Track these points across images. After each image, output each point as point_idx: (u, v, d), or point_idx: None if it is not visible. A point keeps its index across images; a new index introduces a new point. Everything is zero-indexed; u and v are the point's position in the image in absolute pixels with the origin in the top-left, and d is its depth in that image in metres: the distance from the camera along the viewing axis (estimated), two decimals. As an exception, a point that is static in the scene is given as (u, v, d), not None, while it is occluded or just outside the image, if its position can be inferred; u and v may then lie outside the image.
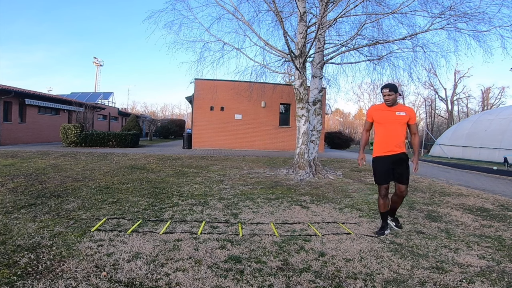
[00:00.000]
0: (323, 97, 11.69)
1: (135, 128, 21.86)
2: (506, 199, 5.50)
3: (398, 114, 3.08)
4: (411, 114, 3.11)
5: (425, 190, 6.08)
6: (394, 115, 3.08)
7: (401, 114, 3.08)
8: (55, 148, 12.55)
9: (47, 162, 7.93)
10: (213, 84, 14.80)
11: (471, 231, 3.46)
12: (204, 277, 2.14)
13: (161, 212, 3.75)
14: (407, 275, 2.29)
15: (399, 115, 3.08)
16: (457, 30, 7.27)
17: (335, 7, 7.39)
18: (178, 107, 74.39)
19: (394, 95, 3.08)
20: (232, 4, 7.51)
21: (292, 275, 2.22)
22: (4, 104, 13.95)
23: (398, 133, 3.08)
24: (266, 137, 16.60)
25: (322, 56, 8.31)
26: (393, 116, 3.08)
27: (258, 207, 4.15)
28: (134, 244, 2.66)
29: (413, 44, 8.04)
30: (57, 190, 4.68)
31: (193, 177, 6.47)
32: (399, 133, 3.08)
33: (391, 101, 3.08)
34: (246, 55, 8.43)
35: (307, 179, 6.79)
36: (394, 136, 3.09)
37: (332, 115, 56.25)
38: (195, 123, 16.00)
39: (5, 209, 3.54)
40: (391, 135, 3.10)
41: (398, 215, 4.02)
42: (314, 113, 8.16)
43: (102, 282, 1.99)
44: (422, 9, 7.26)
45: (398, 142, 3.09)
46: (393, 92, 3.06)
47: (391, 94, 3.06)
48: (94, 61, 45.75)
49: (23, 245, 2.52)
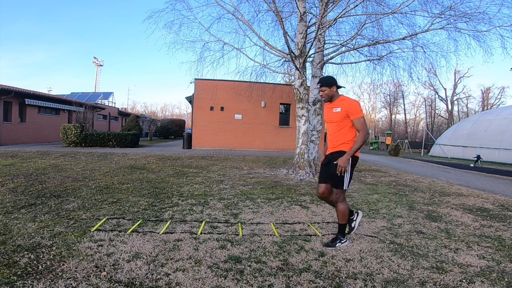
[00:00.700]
0: (323, 97, 11.67)
1: (135, 128, 21.86)
2: (506, 199, 5.50)
3: (334, 111, 2.77)
4: (347, 108, 2.69)
5: (425, 190, 6.08)
6: (332, 113, 2.79)
7: (337, 110, 2.74)
8: (55, 148, 12.55)
9: (47, 162, 7.93)
10: (213, 84, 14.80)
11: (471, 231, 3.46)
12: (204, 277, 2.14)
13: (161, 212, 3.75)
14: (407, 275, 2.29)
15: (335, 112, 2.76)
16: (457, 30, 7.28)
17: (335, 7, 7.39)
18: (178, 107, 74.48)
19: (328, 90, 2.77)
20: (232, 4, 7.51)
21: (292, 275, 2.22)
22: (4, 104, 13.95)
23: (334, 131, 2.78)
24: (266, 137, 16.60)
25: (322, 56, 8.31)
26: (331, 114, 2.80)
27: (258, 207, 4.14)
28: (134, 244, 2.66)
29: (413, 44, 8.05)
30: (57, 190, 4.68)
31: (193, 177, 6.47)
32: (335, 131, 2.78)
33: (326, 97, 2.81)
34: (246, 55, 8.45)
35: (307, 179, 6.79)
36: (330, 135, 2.83)
37: (332, 115, 56.10)
38: (195, 123, 16.00)
39: (5, 209, 3.53)
40: (328, 134, 2.86)
41: (398, 214, 4.03)
42: (314, 113, 8.16)
43: (102, 282, 1.99)
44: (422, 9, 7.27)
45: (334, 141, 2.78)
46: (325, 87, 2.77)
47: (324, 90, 2.78)
48: (94, 61, 45.81)
49: (23, 245, 2.52)
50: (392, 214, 4.05)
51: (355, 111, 2.67)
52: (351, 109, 2.68)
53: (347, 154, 2.62)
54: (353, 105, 2.69)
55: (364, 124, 2.67)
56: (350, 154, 2.61)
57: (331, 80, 2.79)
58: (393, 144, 20.19)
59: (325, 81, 2.78)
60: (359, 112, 2.67)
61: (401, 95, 45.64)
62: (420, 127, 47.40)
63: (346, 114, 2.69)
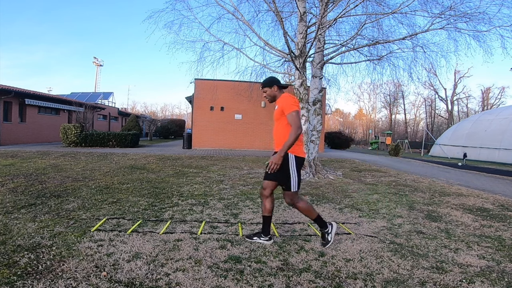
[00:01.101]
0: (323, 97, 11.70)
1: (135, 128, 21.87)
2: (506, 199, 5.50)
3: (275, 109, 2.79)
4: (281, 104, 2.70)
5: (425, 190, 6.08)
6: (274, 111, 2.82)
7: (276, 108, 2.77)
8: (55, 148, 12.54)
9: (47, 162, 7.93)
10: (213, 84, 14.80)
11: (471, 231, 3.46)
12: (204, 277, 2.14)
13: (161, 212, 3.75)
14: (407, 275, 2.29)
15: (275, 110, 2.79)
16: (457, 30, 7.28)
17: (335, 7, 7.39)
18: (178, 107, 74.53)
19: (270, 90, 2.82)
20: (232, 4, 7.51)
21: (292, 275, 2.22)
22: (4, 104, 13.95)
23: (276, 129, 2.79)
24: (266, 137, 16.60)
25: (322, 56, 8.31)
26: (274, 112, 2.83)
27: (258, 207, 4.14)
28: (134, 244, 2.66)
29: (413, 44, 8.05)
30: (57, 190, 4.68)
31: (193, 177, 6.47)
32: (276, 129, 2.78)
33: (269, 97, 2.86)
34: (246, 55, 8.45)
35: (307, 179, 6.79)
36: (274, 133, 2.84)
37: (332, 115, 56.25)
38: (195, 123, 16.00)
39: (5, 209, 3.53)
40: (273, 132, 2.87)
41: (398, 214, 4.03)
42: (314, 113, 8.16)
43: (102, 282, 1.99)
44: (422, 9, 7.27)
45: (276, 139, 2.78)
46: (266, 88, 2.82)
47: (266, 90, 2.83)
48: (94, 61, 45.80)
49: (23, 245, 2.52)
50: (392, 214, 4.05)
51: (287, 106, 2.63)
52: (284, 104, 2.66)
53: (280, 151, 2.56)
54: (286, 100, 2.68)
55: (296, 119, 2.59)
56: (283, 151, 2.55)
57: (271, 80, 2.84)
58: (393, 144, 20.19)
59: (267, 82, 2.84)
60: (291, 106, 2.61)
61: (401, 95, 45.70)
62: (420, 127, 47.41)
63: (282, 111, 2.68)
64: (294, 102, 2.66)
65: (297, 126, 2.56)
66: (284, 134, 2.66)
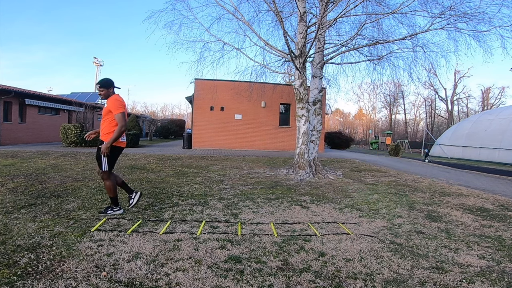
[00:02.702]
0: (323, 97, 11.70)
1: (135, 128, 21.83)
2: (506, 199, 5.50)
3: (104, 106, 3.37)
4: (110, 104, 3.26)
5: (425, 190, 6.08)
6: (104, 108, 3.36)
7: (105, 105, 3.35)
8: (55, 148, 12.54)
9: (47, 162, 7.93)
10: (213, 84, 14.80)
11: (471, 231, 3.46)
12: (204, 277, 2.14)
13: (161, 212, 3.75)
14: (407, 275, 2.29)
15: (104, 107, 3.36)
16: (457, 30, 7.28)
17: (335, 7, 7.40)
18: (178, 107, 74.54)
19: (106, 91, 3.35)
20: (232, 4, 7.51)
21: (292, 275, 2.22)
22: (4, 104, 13.95)
23: (102, 123, 3.35)
24: (266, 137, 16.60)
25: (322, 56, 8.31)
26: (104, 109, 3.36)
27: (258, 207, 4.14)
28: (134, 244, 2.66)
29: (413, 44, 8.05)
30: (57, 190, 4.68)
31: (193, 177, 6.47)
32: (102, 123, 3.34)
33: (103, 96, 3.37)
34: (246, 55, 8.45)
35: (307, 179, 6.79)
36: (100, 126, 3.38)
37: (332, 115, 56.27)
38: (195, 123, 16.00)
39: (5, 209, 3.53)
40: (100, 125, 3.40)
41: (398, 214, 4.03)
42: (314, 113, 8.16)
43: (102, 282, 1.99)
44: (422, 9, 7.27)
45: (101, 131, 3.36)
46: (104, 89, 3.34)
47: (102, 90, 3.35)
48: (94, 61, 45.73)
49: (23, 245, 2.52)
50: (392, 214, 4.05)
51: (114, 107, 3.22)
52: (112, 105, 3.23)
53: (108, 142, 3.18)
54: (114, 102, 3.25)
55: (121, 119, 3.20)
56: (110, 142, 3.18)
57: (109, 82, 3.38)
58: (393, 144, 20.18)
59: (103, 83, 3.36)
60: (118, 108, 3.21)
61: (401, 95, 45.68)
62: (420, 127, 47.40)
63: (109, 110, 3.25)
64: (121, 104, 3.26)
65: (121, 125, 3.20)
66: (106, 128, 3.29)
